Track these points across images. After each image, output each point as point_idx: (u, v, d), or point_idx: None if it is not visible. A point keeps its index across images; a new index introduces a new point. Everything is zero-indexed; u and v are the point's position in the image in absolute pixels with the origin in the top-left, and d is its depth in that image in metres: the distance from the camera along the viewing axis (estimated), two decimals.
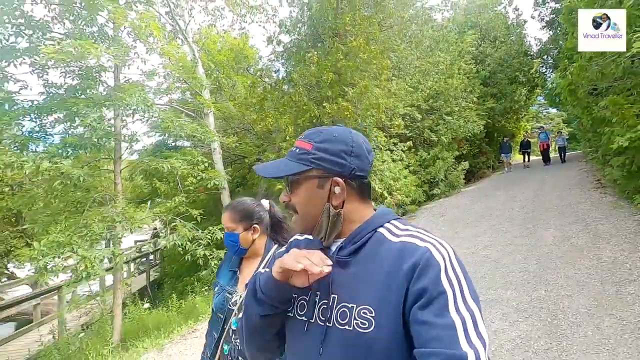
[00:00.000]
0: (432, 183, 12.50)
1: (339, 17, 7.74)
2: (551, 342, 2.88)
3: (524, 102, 20.46)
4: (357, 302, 0.70)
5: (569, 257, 4.57)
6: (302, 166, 0.76)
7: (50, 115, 4.61)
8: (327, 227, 0.77)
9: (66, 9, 5.17)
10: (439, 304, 0.63)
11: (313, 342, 0.74)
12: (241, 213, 1.45)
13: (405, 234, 0.74)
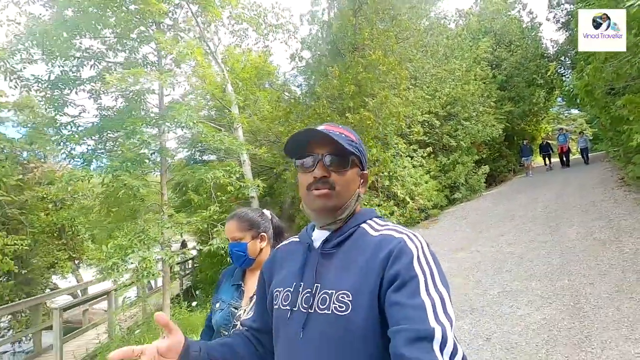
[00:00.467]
0: (452, 187, 12.66)
1: (358, 33, 8.24)
2: (574, 322, 3.14)
3: (543, 104, 20.34)
4: (337, 287, 0.74)
5: (592, 250, 4.77)
6: (355, 151, 0.82)
7: (109, 134, 5.26)
8: (351, 210, 0.84)
9: (117, 41, 5.90)
10: (410, 287, 0.67)
11: (295, 328, 0.77)
12: (248, 222, 1.43)
13: (384, 228, 0.81)
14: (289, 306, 0.80)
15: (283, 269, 0.90)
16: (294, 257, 0.88)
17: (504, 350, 2.96)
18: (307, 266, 0.82)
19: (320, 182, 0.80)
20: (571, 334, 2.98)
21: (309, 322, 0.75)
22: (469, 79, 13.66)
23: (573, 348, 2.78)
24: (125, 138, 4.89)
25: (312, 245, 0.85)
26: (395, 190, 9.88)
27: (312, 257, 0.83)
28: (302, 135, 0.82)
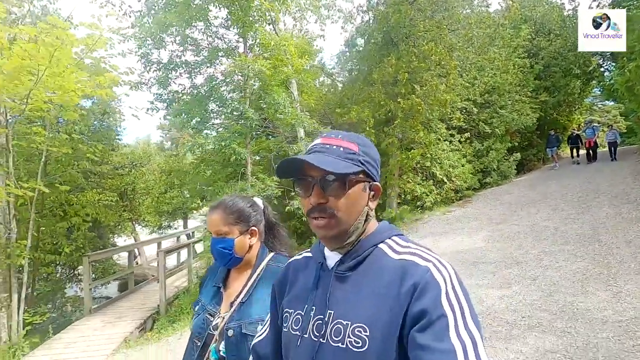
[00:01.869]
0: (484, 172, 13.42)
1: (414, 25, 8.98)
2: (603, 270, 4.11)
3: (578, 95, 20.38)
4: (352, 319, 0.68)
5: (620, 226, 5.63)
6: (354, 166, 0.72)
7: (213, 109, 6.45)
8: (361, 232, 0.76)
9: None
10: (438, 328, 0.61)
11: (305, 356, 0.73)
12: (237, 214, 1.22)
13: (406, 251, 0.73)
14: (299, 332, 0.76)
15: (294, 288, 0.85)
16: (306, 275, 0.82)
17: (548, 285, 3.98)
18: (319, 289, 0.77)
19: (318, 210, 0.72)
20: (600, 277, 3.96)
21: (320, 352, 0.71)
22: (507, 68, 14.11)
23: (602, 284, 3.76)
24: (230, 114, 6.01)
25: (325, 265, 0.79)
26: (434, 171, 10.79)
27: (325, 279, 0.77)
28: (289, 163, 0.74)
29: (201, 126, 6.38)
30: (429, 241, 7.02)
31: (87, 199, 8.94)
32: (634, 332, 2.83)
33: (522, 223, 7.00)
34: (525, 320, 3.34)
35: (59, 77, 4.54)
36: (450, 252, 6.01)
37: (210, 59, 6.38)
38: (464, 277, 2.44)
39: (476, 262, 5.23)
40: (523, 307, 3.60)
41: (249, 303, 1.14)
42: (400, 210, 9.87)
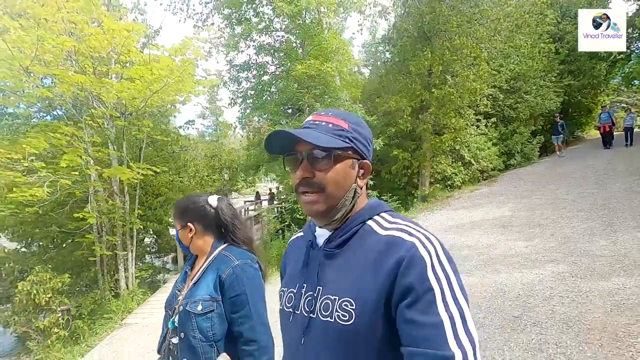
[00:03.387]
0: (509, 154, 14.37)
1: (448, 22, 9.96)
2: (606, 228, 5.29)
3: (604, 78, 20.62)
4: (340, 294, 0.71)
5: (629, 197, 6.71)
6: (343, 142, 0.74)
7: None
8: (349, 208, 0.78)
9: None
10: (425, 302, 0.62)
11: (296, 332, 0.76)
12: (179, 210, 1.42)
13: (393, 227, 0.74)
14: (291, 309, 0.79)
15: (289, 267, 0.89)
16: (298, 254, 0.85)
17: (562, 238, 5.22)
18: (309, 266, 0.79)
19: (306, 184, 0.74)
20: (604, 232, 5.14)
21: (310, 327, 0.73)
22: (533, 54, 14.77)
23: (604, 236, 4.96)
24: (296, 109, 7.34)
25: (315, 243, 0.81)
26: (463, 153, 11.89)
27: (314, 257, 0.79)
28: (275, 138, 0.75)
29: (277, 118, 7.76)
30: (461, 213, 8.27)
31: (164, 180, 10.56)
32: (622, 262, 4.06)
33: (543, 197, 8.14)
34: (544, 258, 4.62)
35: (181, 83, 5.97)
36: (481, 219, 7.25)
37: (281, 62, 7.69)
38: (496, 238, 4.23)
39: (505, 225, 6.47)
40: (542, 251, 4.87)
41: (197, 285, 1.33)
42: (433, 189, 11.09)
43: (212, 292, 1.30)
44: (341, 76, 8.89)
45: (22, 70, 4.84)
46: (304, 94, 7.56)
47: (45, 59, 4.99)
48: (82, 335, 6.62)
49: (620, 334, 2.78)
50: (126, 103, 6.43)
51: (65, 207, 7.02)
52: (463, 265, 4.89)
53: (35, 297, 6.14)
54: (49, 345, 6.32)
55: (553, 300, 3.49)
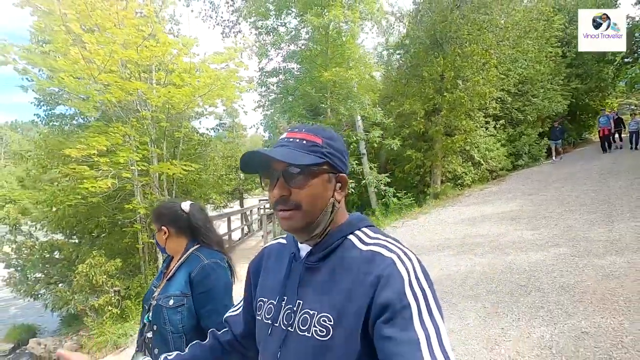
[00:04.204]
0: (516, 155, 14.92)
1: (460, 30, 10.61)
2: (605, 219, 5.90)
3: (611, 80, 21.03)
4: (319, 309, 0.71)
5: (628, 193, 7.30)
6: (317, 158, 0.75)
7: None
8: (327, 224, 0.77)
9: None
10: (402, 318, 0.63)
11: (273, 345, 0.76)
12: (155, 215, 1.57)
13: (373, 242, 0.75)
14: (270, 321, 0.79)
15: (268, 276, 0.87)
16: (280, 264, 0.85)
17: (565, 227, 5.84)
18: (290, 279, 0.79)
19: (282, 201, 0.74)
20: (602, 222, 5.76)
21: (287, 341, 0.74)
22: (540, 59, 15.32)
23: (602, 225, 5.58)
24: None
25: (298, 255, 0.81)
26: (473, 154, 12.50)
27: (296, 269, 0.79)
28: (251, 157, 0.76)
29: (304, 120, 8.49)
30: (472, 208, 8.90)
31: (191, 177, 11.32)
32: (616, 244, 4.69)
33: (549, 194, 8.74)
34: (548, 243, 5.26)
35: (224, 90, 6.72)
36: (491, 213, 7.88)
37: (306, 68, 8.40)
38: (505, 229, 5.13)
39: (513, 218, 7.10)
40: (547, 238, 5.51)
41: (170, 282, 1.46)
42: (444, 187, 11.72)
43: (182, 288, 1.43)
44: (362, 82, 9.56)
45: (91, 79, 5.62)
46: (328, 98, 8.29)
47: (112, 69, 5.77)
48: (130, 314, 7.39)
49: (606, 296, 3.43)
50: (171, 107, 7.20)
51: (113, 200, 7.81)
52: (476, 250, 5.55)
53: (92, 278, 6.92)
54: (102, 322, 7.11)
55: (554, 273, 4.14)
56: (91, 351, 6.90)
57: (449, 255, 5.57)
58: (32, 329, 9.58)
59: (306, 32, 8.33)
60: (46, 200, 7.21)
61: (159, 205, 1.64)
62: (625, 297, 3.35)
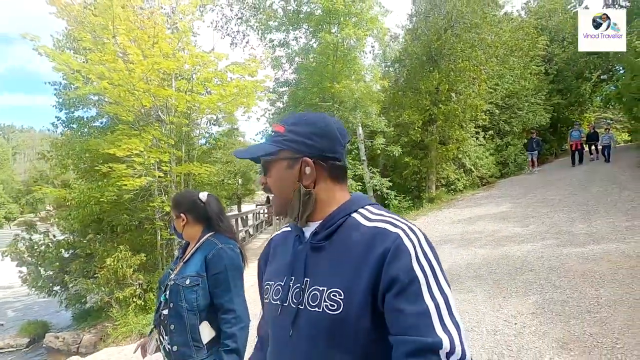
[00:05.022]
0: (504, 164, 15.99)
1: (452, 47, 11.59)
2: (584, 217, 6.76)
3: (589, 96, 22.58)
4: (328, 285, 0.73)
5: (603, 196, 8.23)
6: (273, 147, 0.79)
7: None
8: (299, 207, 0.80)
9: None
10: (411, 291, 0.65)
11: (285, 324, 0.77)
12: (174, 202, 1.72)
13: (378, 218, 0.76)
14: (279, 301, 0.80)
15: (275, 261, 0.91)
16: (285, 248, 0.88)
17: (551, 224, 6.67)
18: (297, 259, 0.81)
19: (265, 189, 0.84)
20: (582, 219, 6.61)
21: (298, 318, 0.75)
22: (525, 75, 16.53)
23: (582, 222, 6.42)
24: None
25: (303, 237, 0.83)
26: (464, 162, 13.44)
27: (302, 250, 0.81)
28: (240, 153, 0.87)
29: None
30: (466, 210, 9.72)
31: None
32: (594, 236, 5.52)
33: (535, 198, 9.65)
34: (537, 237, 6.07)
35: (247, 98, 7.40)
36: (484, 214, 8.70)
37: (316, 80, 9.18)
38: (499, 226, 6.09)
39: (504, 218, 7.93)
40: (535, 232, 6.32)
41: (187, 264, 1.62)
42: (439, 192, 12.58)
43: (198, 270, 1.57)
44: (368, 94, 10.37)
45: (130, 86, 6.21)
46: (337, 108, 9.05)
47: (151, 78, 6.38)
48: (153, 306, 7.86)
49: (586, 273, 4.21)
50: (198, 112, 7.82)
51: (135, 199, 8.32)
52: (475, 243, 6.32)
53: (119, 271, 7.39)
54: (125, 314, 7.55)
55: (543, 258, 4.92)
56: (116, 340, 7.36)
57: (451, 247, 6.31)
58: (46, 325, 9.86)
59: (317, 46, 9.09)
60: (75, 198, 7.66)
61: (179, 194, 1.79)
62: (600, 273, 4.14)
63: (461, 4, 11.02)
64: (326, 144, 0.80)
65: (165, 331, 1.59)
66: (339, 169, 0.82)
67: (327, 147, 0.80)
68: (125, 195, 6.88)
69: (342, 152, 0.82)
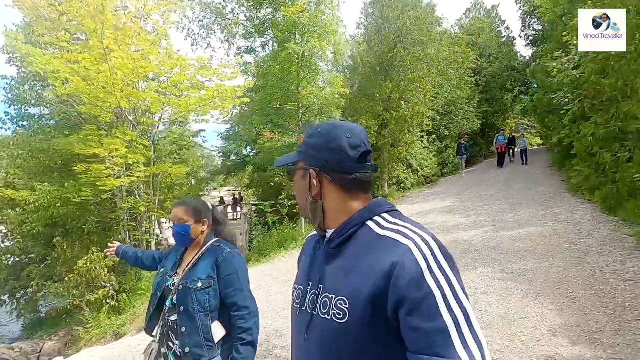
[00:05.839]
0: (444, 164, 17.97)
1: (402, 59, 12.93)
2: (512, 208, 8.30)
3: (510, 105, 26.05)
4: (337, 293, 0.75)
5: (524, 191, 10.01)
6: (294, 158, 0.86)
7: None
8: (310, 215, 0.86)
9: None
10: (426, 307, 0.63)
11: (301, 328, 0.81)
12: (193, 209, 1.75)
13: (391, 227, 0.76)
14: (298, 305, 0.85)
15: (301, 264, 0.97)
16: (309, 252, 0.93)
17: (487, 214, 8.08)
18: (314, 265, 0.85)
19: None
20: (511, 210, 8.11)
21: (312, 323, 0.78)
22: (460, 86, 18.74)
23: (510, 213, 7.92)
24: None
25: (322, 242, 0.86)
26: (412, 163, 14.96)
27: (319, 256, 0.85)
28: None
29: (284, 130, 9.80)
30: (417, 205, 11.04)
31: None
32: (520, 223, 6.93)
33: (472, 193, 11.29)
34: (477, 225, 7.38)
35: (224, 101, 7.79)
36: (432, 208, 10.04)
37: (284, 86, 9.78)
38: (446, 218, 7.55)
39: (449, 211, 9.30)
40: (476, 221, 7.66)
41: (194, 268, 1.70)
42: (391, 190, 13.89)
43: (210, 272, 1.65)
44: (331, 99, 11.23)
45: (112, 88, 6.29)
46: (304, 112, 9.76)
47: (131, 80, 6.50)
48: (126, 307, 7.87)
49: (516, 250, 5.45)
50: (173, 114, 8.00)
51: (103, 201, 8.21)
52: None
53: (92, 272, 7.33)
54: (97, 316, 7.49)
55: (484, 241, 6.16)
56: (89, 342, 7.31)
57: None
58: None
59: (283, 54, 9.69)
60: (39, 200, 7.38)
61: (193, 201, 1.83)
62: (525, 249, 5.41)
63: (410, 23, 12.39)
64: (331, 157, 0.81)
65: (175, 335, 1.64)
66: (350, 182, 0.82)
67: (333, 161, 0.81)
68: (103, 195, 6.88)
69: (352, 165, 0.81)
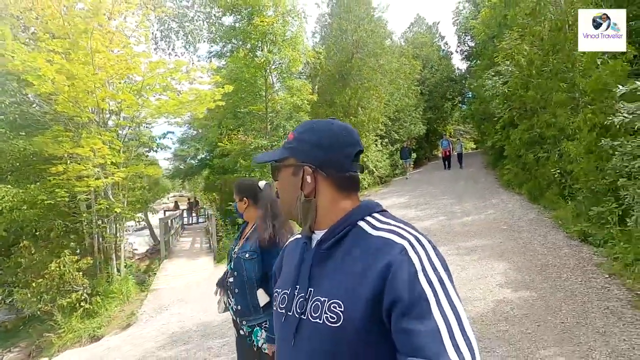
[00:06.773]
0: (394, 166, 19.51)
1: (360, 69, 14.05)
2: (459, 201, 9.67)
3: (449, 113, 28.84)
4: (329, 296, 0.72)
5: (466, 187, 11.57)
6: (282, 154, 0.81)
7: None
8: (301, 215, 0.81)
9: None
10: (419, 308, 0.62)
11: (288, 333, 0.77)
12: (237, 188, 2.04)
13: (384, 227, 0.74)
14: (284, 310, 0.80)
15: (285, 267, 0.92)
16: (294, 255, 0.88)
17: (438, 207, 9.34)
18: (302, 267, 0.81)
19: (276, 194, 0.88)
20: (458, 203, 9.46)
21: (300, 328, 0.75)
22: (408, 94, 20.50)
23: (457, 205, 9.26)
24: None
25: (310, 244, 0.83)
26: (368, 164, 16.13)
27: (307, 258, 0.81)
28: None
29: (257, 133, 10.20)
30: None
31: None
32: (465, 211, 8.21)
33: (423, 191, 12.67)
34: (431, 216, 8.55)
35: (200, 104, 8.11)
36: (391, 205, 11.16)
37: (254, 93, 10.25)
38: (405, 212, 8.91)
39: (406, 206, 10.47)
40: (430, 214, 8.85)
41: (247, 241, 1.99)
42: None
43: (255, 247, 1.91)
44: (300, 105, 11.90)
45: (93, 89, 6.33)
46: (275, 116, 10.29)
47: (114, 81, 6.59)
48: (99, 309, 7.80)
49: (465, 232, 6.62)
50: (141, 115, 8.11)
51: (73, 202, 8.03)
52: None
53: (66, 275, 7.20)
54: (69, 321, 7.35)
55: (440, 228, 7.29)
56: (62, 348, 7.22)
57: None
58: None
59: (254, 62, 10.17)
60: (3, 202, 7.05)
61: (241, 181, 2.12)
62: (472, 232, 6.60)
63: (366, 36, 13.56)
64: (328, 155, 0.79)
65: (231, 294, 1.97)
66: (345, 180, 0.81)
67: (329, 158, 0.80)
68: (81, 197, 6.84)
69: (347, 163, 0.81)
